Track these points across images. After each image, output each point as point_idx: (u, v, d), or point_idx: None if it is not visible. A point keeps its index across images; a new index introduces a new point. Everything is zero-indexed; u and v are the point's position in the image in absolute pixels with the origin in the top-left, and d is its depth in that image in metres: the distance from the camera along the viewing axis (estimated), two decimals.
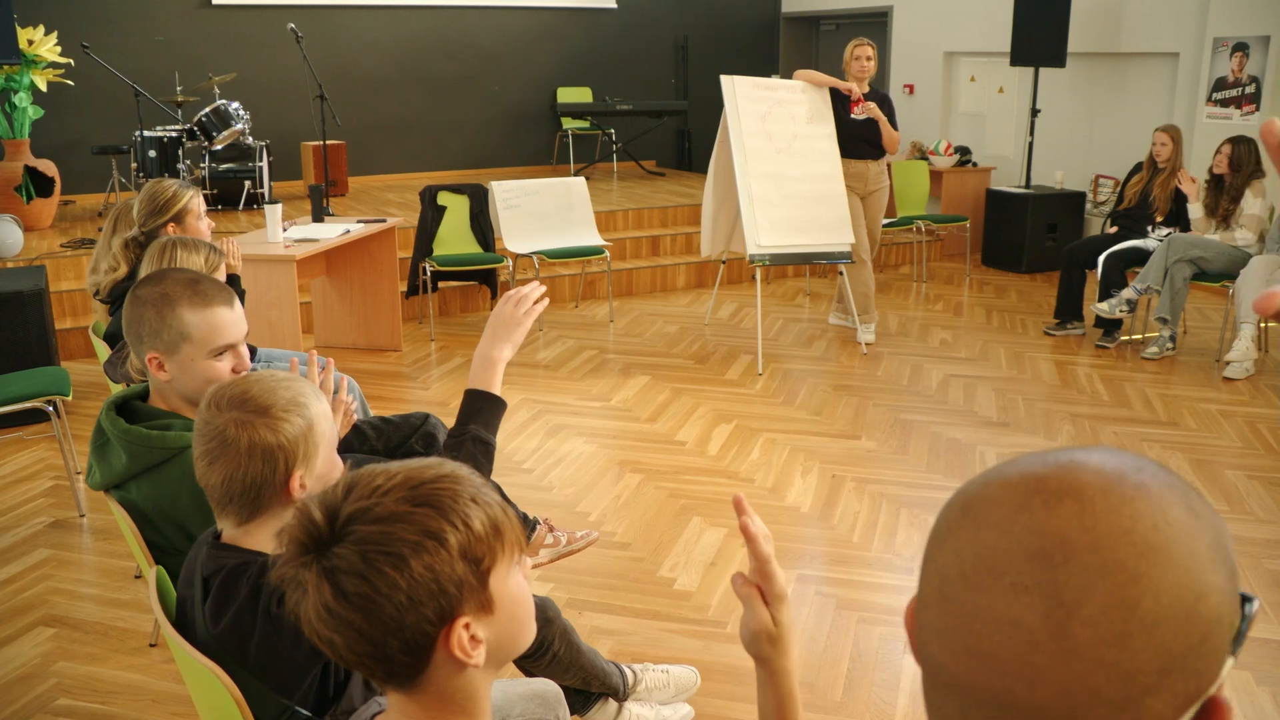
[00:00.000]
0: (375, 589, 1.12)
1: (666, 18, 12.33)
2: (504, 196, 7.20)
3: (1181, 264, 6.54)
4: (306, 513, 1.15)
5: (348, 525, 1.14)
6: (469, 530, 1.17)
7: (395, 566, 1.12)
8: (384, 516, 1.14)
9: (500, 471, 4.59)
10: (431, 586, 1.14)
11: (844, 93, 6.65)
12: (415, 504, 1.15)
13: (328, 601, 1.13)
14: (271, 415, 1.79)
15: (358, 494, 1.16)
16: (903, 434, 5.27)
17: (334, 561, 1.13)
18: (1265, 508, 4.47)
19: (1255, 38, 8.24)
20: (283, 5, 9.91)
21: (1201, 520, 0.70)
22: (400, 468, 1.19)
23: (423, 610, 1.14)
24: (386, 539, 1.13)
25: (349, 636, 1.14)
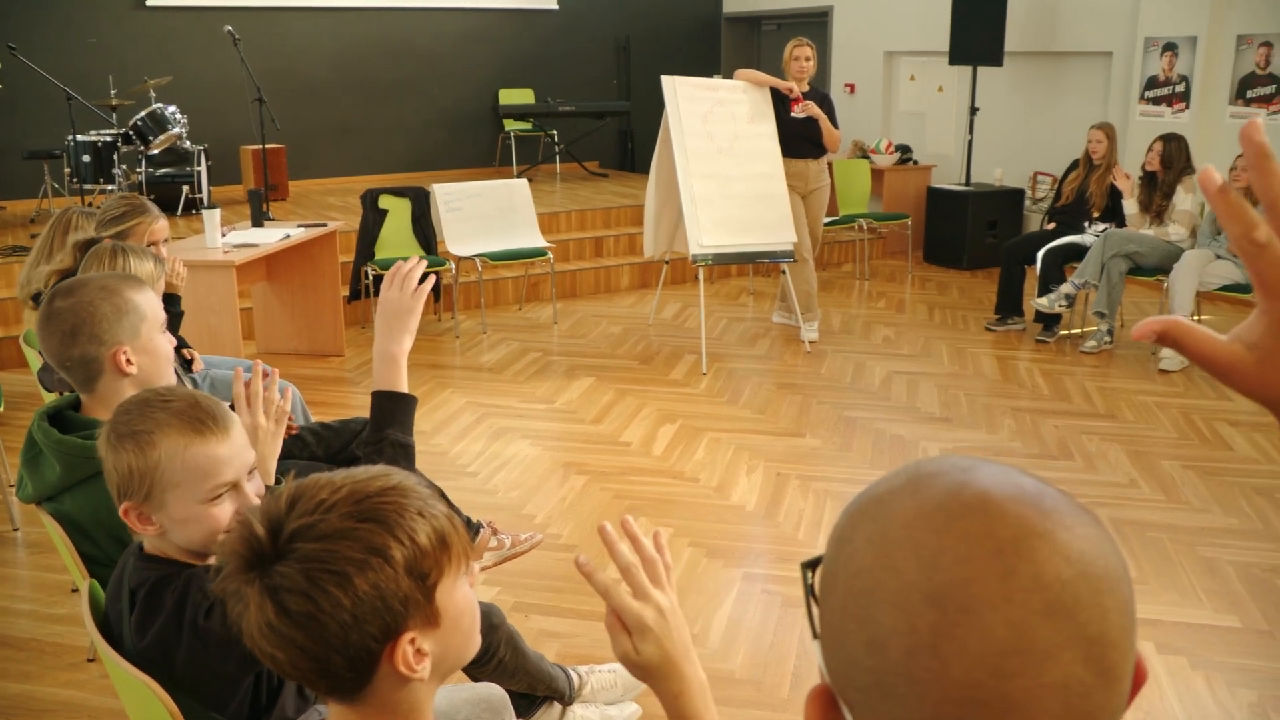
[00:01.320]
0: (319, 608, 1.10)
1: (608, 18, 12.32)
2: (446, 199, 7.16)
3: (1117, 259, 6.63)
4: (248, 526, 1.12)
5: (291, 542, 1.11)
6: (415, 545, 1.15)
7: (340, 585, 1.10)
8: (328, 533, 1.11)
9: (444, 475, 4.57)
10: (376, 604, 1.12)
11: (784, 92, 6.68)
12: (360, 519, 1.13)
13: (270, 619, 1.11)
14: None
15: (302, 508, 1.13)
16: (846, 431, 5.30)
17: (277, 579, 1.11)
18: (1200, 497, 4.55)
19: (1183, 38, 8.39)
20: (219, 7, 9.79)
21: (1046, 481, 0.72)
22: (345, 479, 1.17)
23: (367, 628, 1.12)
24: (331, 557, 1.11)
25: (292, 653, 1.13)
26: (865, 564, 0.69)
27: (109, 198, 4.07)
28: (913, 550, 0.66)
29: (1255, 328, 0.80)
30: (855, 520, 0.72)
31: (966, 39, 9.17)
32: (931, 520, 0.67)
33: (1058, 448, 5.12)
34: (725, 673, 3.19)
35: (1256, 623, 3.53)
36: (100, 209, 3.88)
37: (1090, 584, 0.65)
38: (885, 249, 10.04)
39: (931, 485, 0.69)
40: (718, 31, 13.25)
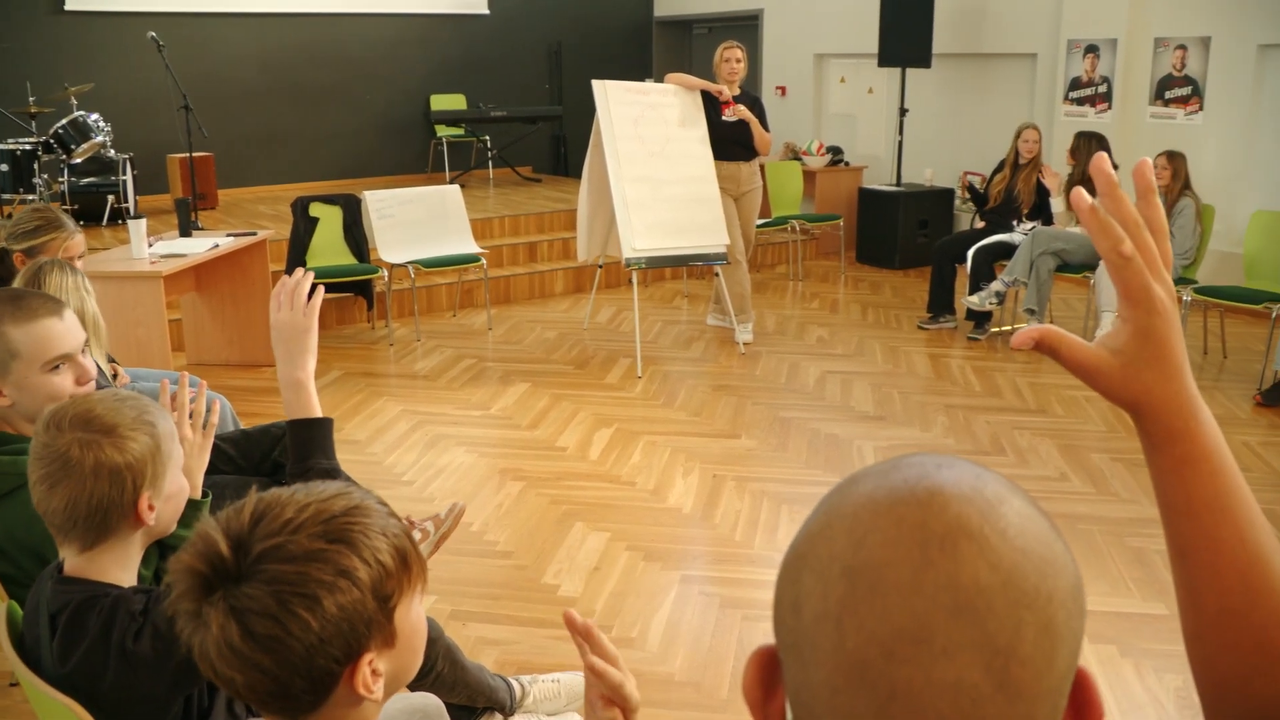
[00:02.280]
0: (287, 631, 1.08)
1: (539, 23, 12.29)
2: (377, 206, 7.10)
3: (1045, 256, 6.74)
4: (209, 543, 1.09)
5: (259, 563, 1.09)
6: (380, 566, 1.14)
7: (309, 608, 1.09)
8: (298, 555, 1.09)
9: (380, 484, 4.52)
10: (343, 626, 1.11)
11: (715, 95, 6.71)
12: (329, 540, 1.11)
13: (233, 641, 1.08)
14: (118, 434, 1.70)
15: (267, 528, 1.11)
16: (782, 431, 5.33)
17: (244, 601, 1.08)
18: (1128, 488, 4.63)
19: (1104, 40, 8.54)
20: (142, 12, 9.62)
21: (1027, 497, 0.71)
22: (307, 498, 1.15)
23: (331, 650, 1.11)
24: (301, 579, 1.09)
25: (252, 676, 1.10)
26: (812, 530, 0.71)
27: (21, 210, 3.97)
28: (850, 525, 0.67)
29: (1119, 335, 0.86)
30: (829, 491, 0.74)
31: (895, 41, 9.27)
32: (878, 502, 0.67)
33: (990, 443, 5.18)
34: (664, 675, 3.19)
35: None
36: (11, 222, 3.79)
37: (1011, 596, 0.64)
38: (818, 250, 10.12)
39: (898, 471, 0.70)
40: (649, 35, 13.28)
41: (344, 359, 6.58)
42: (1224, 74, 8.02)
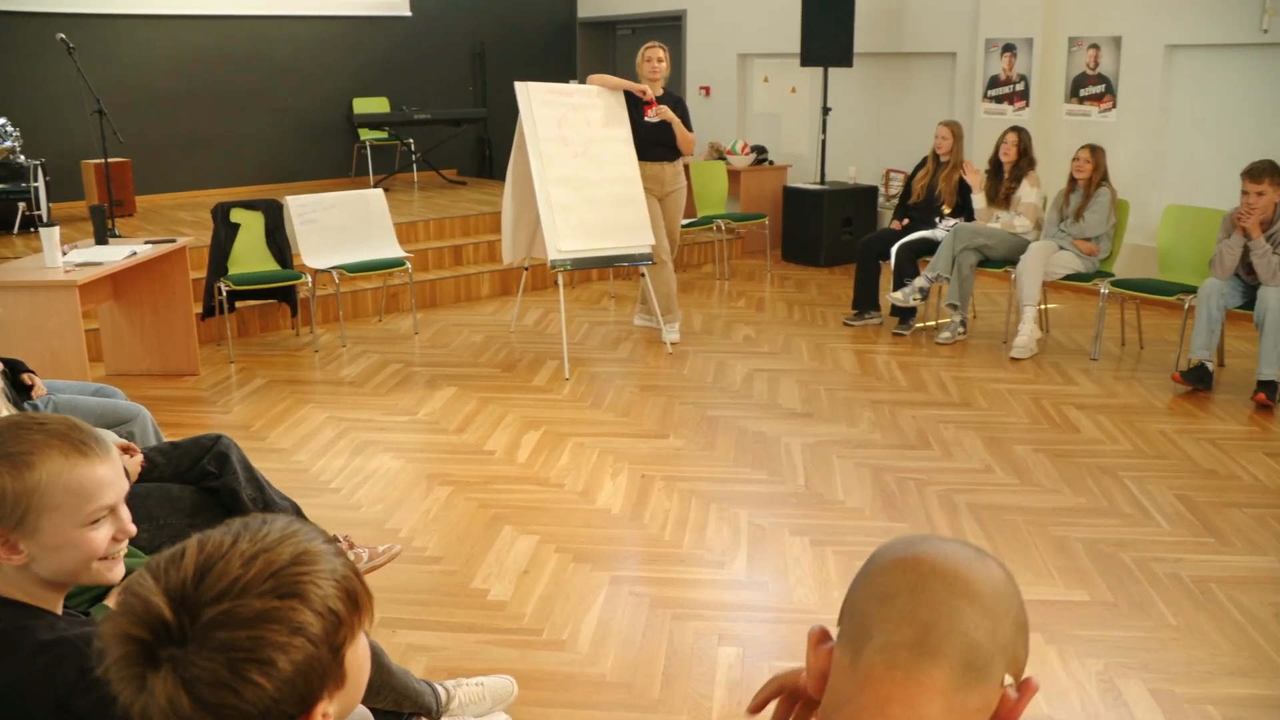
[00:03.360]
0: (241, 697, 1.02)
1: (462, 24, 12.23)
2: (300, 211, 7.02)
3: (967, 252, 6.84)
4: (149, 607, 1.02)
5: (210, 629, 1.02)
6: (334, 615, 1.08)
7: (263, 672, 1.02)
8: (250, 618, 1.03)
9: (306, 492, 4.47)
10: (297, 683, 1.05)
11: (638, 95, 6.72)
12: (280, 596, 1.05)
13: (183, 711, 1.01)
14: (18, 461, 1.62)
15: (214, 588, 1.03)
16: (710, 430, 5.35)
17: (193, 671, 1.01)
18: (1050, 479, 4.71)
19: (1021, 39, 8.69)
20: (51, 13, 9.38)
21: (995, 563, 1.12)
22: (252, 547, 1.07)
23: (285, 707, 1.05)
24: (255, 644, 1.02)
25: None
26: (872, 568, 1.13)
27: None
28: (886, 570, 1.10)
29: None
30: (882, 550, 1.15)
31: (817, 41, 9.35)
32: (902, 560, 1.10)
33: (916, 437, 5.24)
34: (595, 676, 3.19)
35: (1103, 595, 3.67)
36: None
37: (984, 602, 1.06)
38: (744, 249, 10.17)
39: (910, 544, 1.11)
40: (573, 36, 13.27)
41: (268, 366, 6.49)
42: (1135, 73, 8.20)
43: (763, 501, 4.48)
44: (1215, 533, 4.18)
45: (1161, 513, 4.36)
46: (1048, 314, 7.42)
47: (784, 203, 9.89)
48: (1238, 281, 5.93)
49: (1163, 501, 4.47)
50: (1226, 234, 5.86)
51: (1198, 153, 8.08)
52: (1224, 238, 5.88)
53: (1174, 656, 3.29)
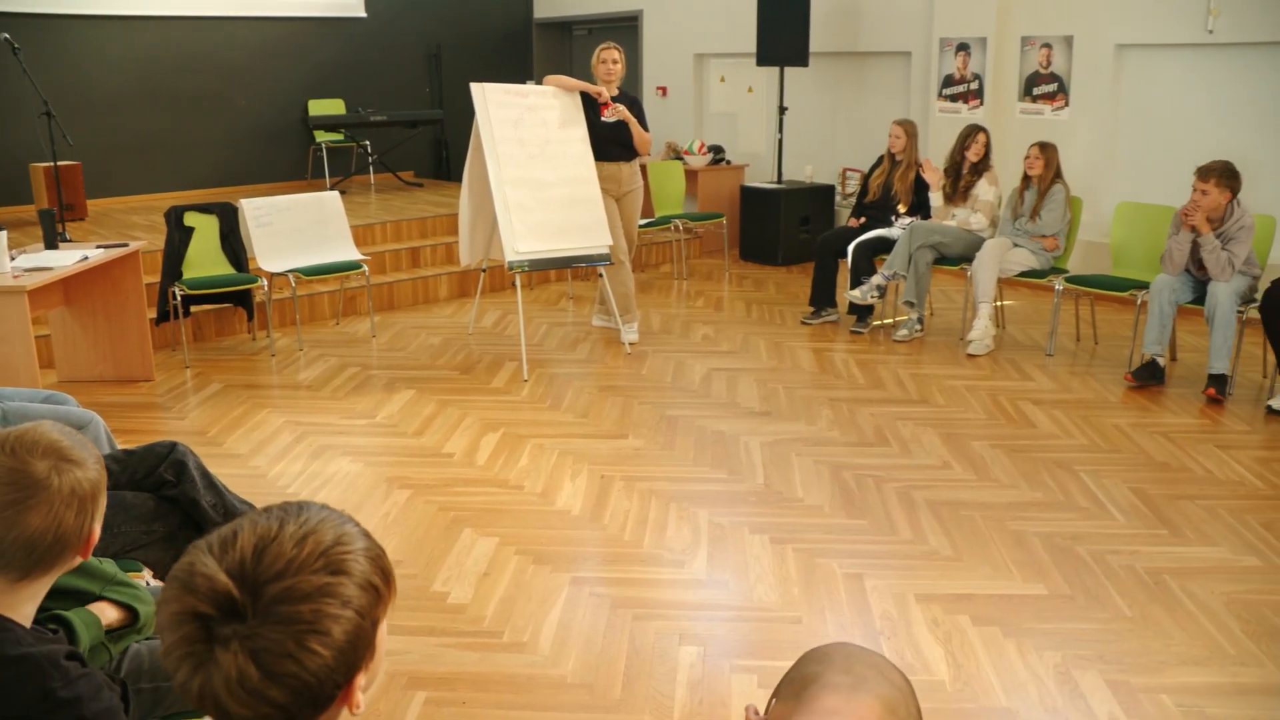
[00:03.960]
0: (303, 666, 1.09)
1: (418, 26, 12.17)
2: (255, 214, 6.96)
3: (924, 250, 6.88)
4: (212, 583, 1.09)
5: (274, 605, 1.09)
6: (374, 591, 1.17)
7: (323, 643, 1.10)
8: (309, 593, 1.11)
9: (264, 498, 4.43)
10: (348, 653, 1.13)
11: (594, 96, 6.71)
12: (331, 573, 1.13)
13: (250, 682, 1.08)
14: (83, 464, 1.70)
15: (272, 567, 1.11)
16: (669, 430, 5.35)
17: (261, 643, 1.08)
18: (1008, 474, 4.75)
19: (974, 39, 8.76)
20: None
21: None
22: (299, 529, 1.15)
23: (336, 676, 1.13)
24: (315, 616, 1.10)
25: (263, 711, 1.11)
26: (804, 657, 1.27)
27: None
28: (820, 652, 1.26)
29: None
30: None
31: (773, 41, 9.38)
32: (832, 645, 1.28)
33: (874, 435, 5.27)
34: (556, 678, 3.18)
35: (1060, 588, 3.70)
36: None
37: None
38: (702, 248, 10.19)
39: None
40: (529, 37, 13.24)
41: (225, 371, 6.44)
42: (1086, 72, 8.29)
43: (722, 500, 4.49)
44: (1169, 525, 4.23)
45: (1116, 506, 4.41)
46: (1003, 310, 7.48)
47: (741, 202, 9.91)
48: (1189, 277, 6.01)
49: (1117, 495, 4.53)
50: (1176, 230, 5.94)
51: (1148, 150, 8.18)
52: (1174, 234, 5.95)
53: (1129, 647, 3.32)
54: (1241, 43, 7.50)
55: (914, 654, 3.29)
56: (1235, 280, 5.74)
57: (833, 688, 1.18)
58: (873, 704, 1.16)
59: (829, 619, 3.51)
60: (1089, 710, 3.00)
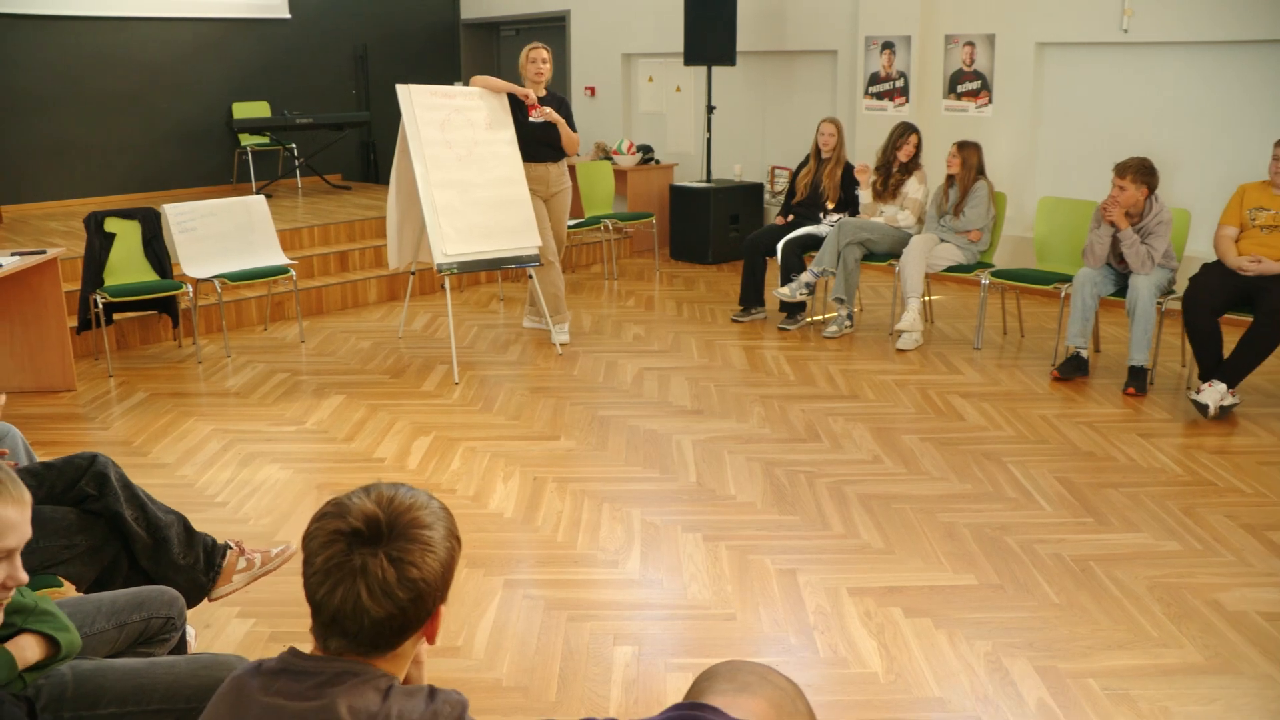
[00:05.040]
0: (423, 575, 1.48)
1: (343, 27, 12.05)
2: (178, 219, 6.84)
3: (852, 247, 6.94)
4: (366, 511, 1.48)
5: (408, 528, 1.48)
6: (456, 539, 1.57)
7: (436, 559, 1.49)
8: (428, 523, 1.51)
9: (192, 507, 4.36)
10: (446, 574, 1.52)
11: (521, 98, 6.69)
12: (434, 515, 1.53)
13: (389, 583, 1.45)
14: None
15: (400, 504, 1.51)
16: (601, 430, 5.35)
17: (401, 553, 1.47)
18: (938, 467, 4.81)
19: (899, 37, 8.86)
20: None
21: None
22: (407, 493, 1.54)
23: (436, 592, 1.50)
24: (431, 540, 1.50)
25: (389, 610, 1.46)
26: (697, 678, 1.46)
27: None
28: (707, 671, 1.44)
29: None
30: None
31: (700, 40, 9.41)
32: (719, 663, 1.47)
33: (806, 430, 5.31)
34: (491, 682, 3.17)
35: (990, 578, 3.75)
36: None
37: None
38: (632, 248, 10.21)
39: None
40: (456, 38, 13.18)
41: (150, 379, 6.33)
42: (1009, 70, 8.42)
43: (655, 499, 4.49)
44: (1094, 513, 4.31)
45: (1044, 495, 4.48)
46: (932, 305, 7.58)
47: (671, 201, 9.94)
48: (1110, 270, 6.12)
49: (1044, 484, 4.60)
50: (1097, 225, 6.04)
51: (1070, 146, 8.33)
52: (1095, 228, 6.06)
53: (1057, 634, 3.38)
54: (1155, 42, 7.67)
55: (847, 647, 3.31)
56: (1155, 273, 5.86)
57: (719, 694, 1.31)
58: (759, 704, 1.29)
59: (763, 615, 3.53)
60: (1018, 697, 3.04)
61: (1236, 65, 7.42)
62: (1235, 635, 3.37)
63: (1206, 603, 3.58)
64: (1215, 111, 7.55)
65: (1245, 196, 5.76)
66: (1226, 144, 7.47)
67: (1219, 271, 5.68)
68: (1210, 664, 3.21)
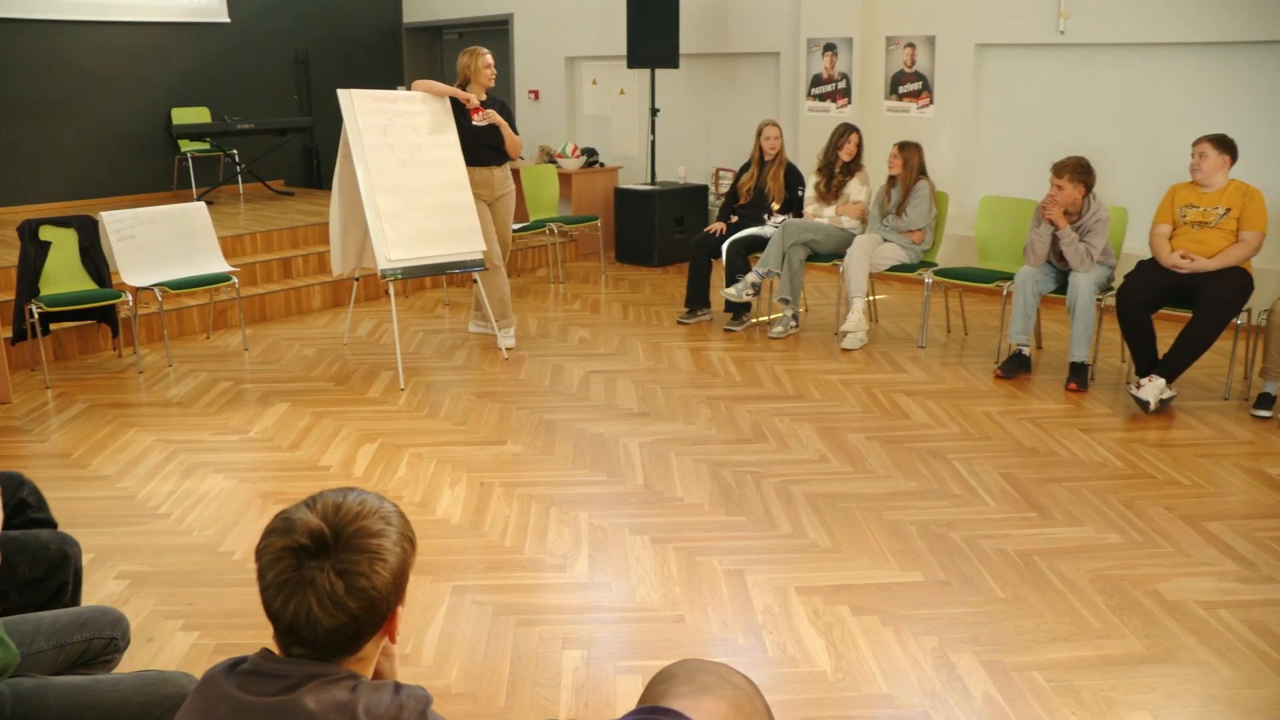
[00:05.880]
0: (373, 584, 1.50)
1: (284, 30, 11.95)
2: (116, 227, 6.74)
3: (797, 247, 6.98)
4: (309, 524, 1.49)
5: (354, 538, 1.50)
6: (410, 541, 1.59)
7: (385, 567, 1.51)
8: (374, 532, 1.52)
9: (133, 519, 4.32)
10: (399, 579, 1.55)
11: (463, 102, 6.67)
12: (385, 523, 1.55)
13: (338, 594, 1.47)
14: None
15: (347, 514, 1.52)
16: (547, 434, 5.34)
17: (347, 565, 1.49)
18: (883, 465, 4.84)
19: (841, 39, 8.92)
20: None
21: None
22: (358, 497, 1.56)
23: (390, 598, 1.53)
24: (379, 548, 1.51)
25: (341, 620, 1.48)
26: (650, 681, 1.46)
27: None
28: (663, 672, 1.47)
29: None
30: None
31: (643, 43, 9.42)
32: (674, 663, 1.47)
33: (752, 431, 5.33)
34: (440, 688, 3.15)
35: (936, 575, 3.79)
36: None
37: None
38: (578, 251, 10.20)
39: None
40: (399, 41, 13.10)
41: (89, 390, 6.23)
42: (949, 71, 8.51)
43: (602, 502, 4.49)
44: (1037, 507, 4.36)
45: (988, 491, 4.53)
46: (876, 305, 7.64)
47: (616, 204, 9.94)
48: (1051, 268, 6.20)
49: (989, 481, 4.65)
50: (1037, 223, 6.12)
51: (1010, 145, 8.43)
52: (1035, 227, 6.14)
53: (1002, 628, 3.42)
54: (1091, 43, 7.78)
55: (796, 646, 3.33)
56: (1094, 270, 5.94)
57: (679, 696, 1.33)
58: (719, 705, 1.31)
59: (711, 616, 3.54)
60: (965, 691, 3.07)
61: (1168, 66, 7.55)
62: (1174, 624, 3.43)
63: (1147, 593, 3.64)
64: (1149, 111, 7.68)
65: (1176, 195, 5.86)
66: (1160, 142, 7.59)
67: (1153, 269, 5.77)
68: (1150, 653, 3.26)
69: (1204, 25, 7.23)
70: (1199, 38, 7.27)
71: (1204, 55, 7.38)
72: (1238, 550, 3.98)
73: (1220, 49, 7.31)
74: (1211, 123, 7.02)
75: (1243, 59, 7.25)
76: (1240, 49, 7.23)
